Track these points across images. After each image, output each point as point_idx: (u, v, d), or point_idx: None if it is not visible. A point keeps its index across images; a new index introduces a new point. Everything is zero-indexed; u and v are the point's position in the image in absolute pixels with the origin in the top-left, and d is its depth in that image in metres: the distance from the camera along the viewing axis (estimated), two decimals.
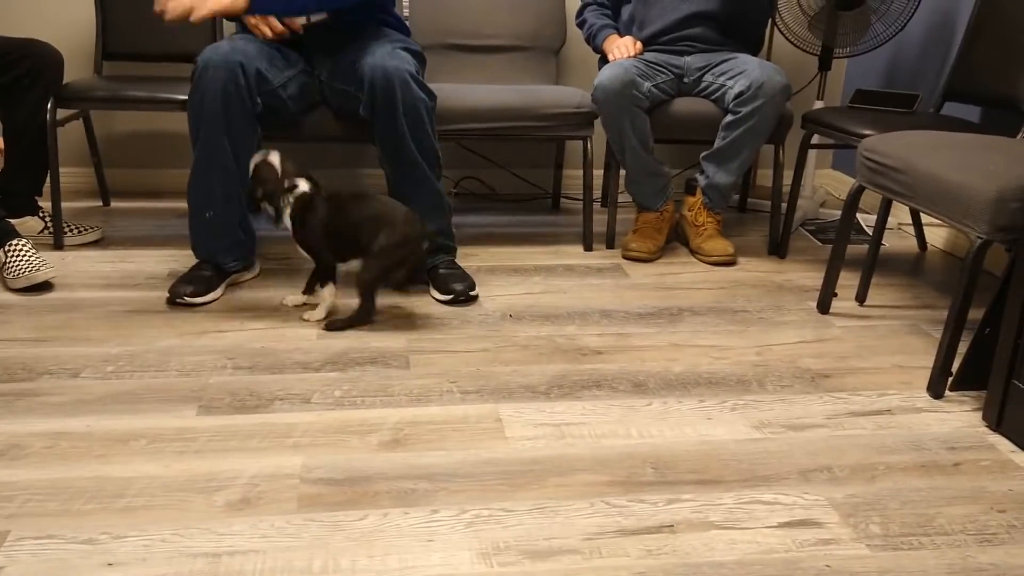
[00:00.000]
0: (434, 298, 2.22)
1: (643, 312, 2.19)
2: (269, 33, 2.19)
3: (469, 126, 2.50)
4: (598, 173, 3.21)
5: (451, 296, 2.19)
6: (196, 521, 1.33)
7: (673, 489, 1.45)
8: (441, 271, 2.25)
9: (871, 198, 3.09)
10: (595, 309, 2.20)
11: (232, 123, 2.09)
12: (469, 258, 2.52)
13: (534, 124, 2.53)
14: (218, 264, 2.20)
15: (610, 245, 2.69)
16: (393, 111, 2.12)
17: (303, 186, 2.03)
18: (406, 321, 2.09)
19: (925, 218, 2.80)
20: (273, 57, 2.17)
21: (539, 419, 1.66)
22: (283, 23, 2.19)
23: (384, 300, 2.21)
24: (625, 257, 2.59)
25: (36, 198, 2.52)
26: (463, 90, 2.57)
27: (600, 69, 2.53)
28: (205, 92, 2.06)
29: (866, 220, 3.01)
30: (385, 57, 2.12)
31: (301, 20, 2.21)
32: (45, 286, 2.20)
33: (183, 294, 2.11)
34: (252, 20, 2.20)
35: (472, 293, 2.21)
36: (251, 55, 2.10)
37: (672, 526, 1.35)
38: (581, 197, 2.84)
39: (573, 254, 2.62)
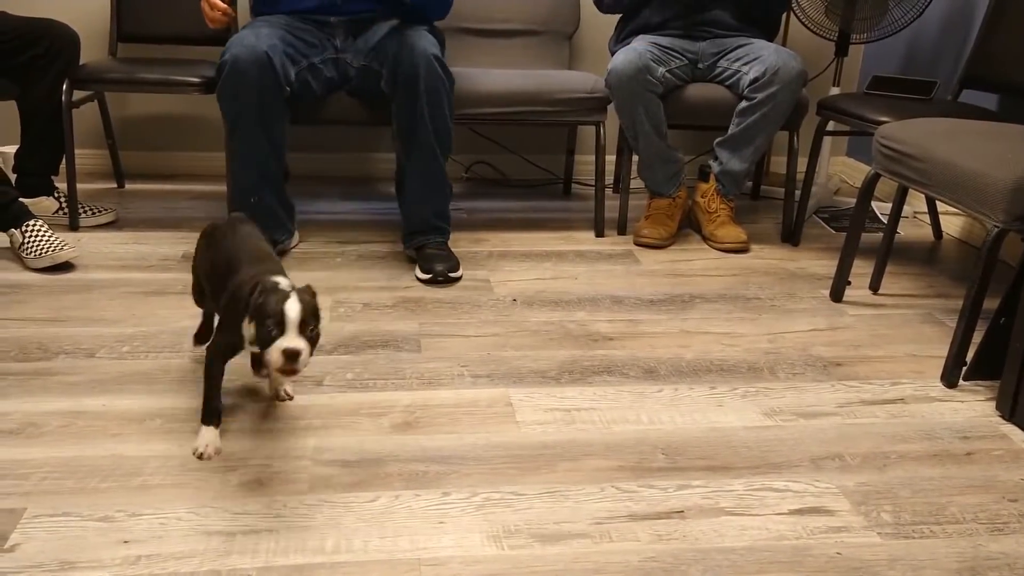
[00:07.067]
0: (416, 277, 2.23)
1: (654, 299, 2.19)
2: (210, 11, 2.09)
3: (481, 110, 2.49)
4: (610, 159, 3.20)
5: (430, 276, 2.19)
6: (211, 500, 1.34)
7: (683, 475, 1.45)
8: (428, 251, 2.26)
9: (886, 186, 3.07)
10: (606, 295, 2.20)
11: (266, 112, 2.14)
12: (480, 243, 2.52)
13: (547, 109, 2.52)
14: None
15: (622, 231, 2.68)
16: (414, 89, 2.13)
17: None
18: (417, 305, 2.10)
19: (941, 206, 2.78)
20: (294, 41, 2.19)
21: (550, 404, 1.66)
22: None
23: (396, 284, 2.21)
24: (637, 243, 2.58)
25: (52, 178, 2.54)
26: (475, 74, 2.56)
27: (613, 55, 2.52)
28: (239, 87, 2.09)
29: (880, 208, 2.99)
30: (413, 36, 2.16)
31: None
32: (65, 266, 2.22)
33: None
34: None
35: (452, 275, 2.20)
36: (275, 42, 2.11)
37: (682, 512, 1.35)
38: (593, 183, 2.83)
39: (584, 240, 2.62)
